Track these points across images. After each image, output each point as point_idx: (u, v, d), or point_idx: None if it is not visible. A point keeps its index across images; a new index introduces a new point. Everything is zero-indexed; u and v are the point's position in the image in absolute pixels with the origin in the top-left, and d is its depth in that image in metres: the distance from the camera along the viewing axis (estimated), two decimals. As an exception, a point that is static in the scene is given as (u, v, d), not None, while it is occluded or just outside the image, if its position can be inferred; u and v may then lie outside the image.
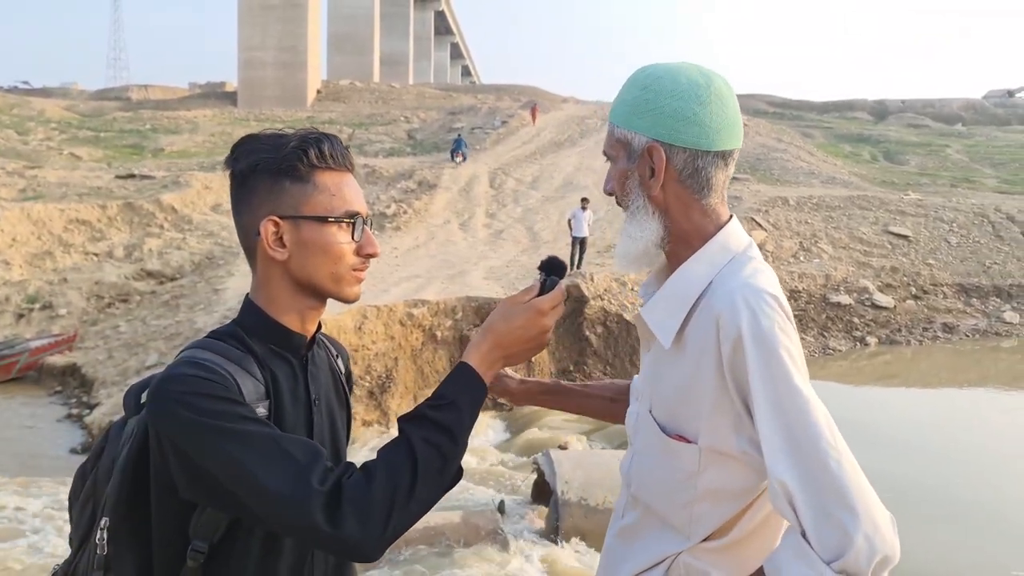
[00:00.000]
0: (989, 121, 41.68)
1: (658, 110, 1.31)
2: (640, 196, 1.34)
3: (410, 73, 64.90)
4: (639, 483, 1.40)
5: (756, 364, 1.20)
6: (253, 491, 1.12)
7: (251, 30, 44.09)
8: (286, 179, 1.27)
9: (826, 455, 1.16)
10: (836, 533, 1.14)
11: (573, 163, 25.91)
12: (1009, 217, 20.54)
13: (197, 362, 1.21)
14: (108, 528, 1.25)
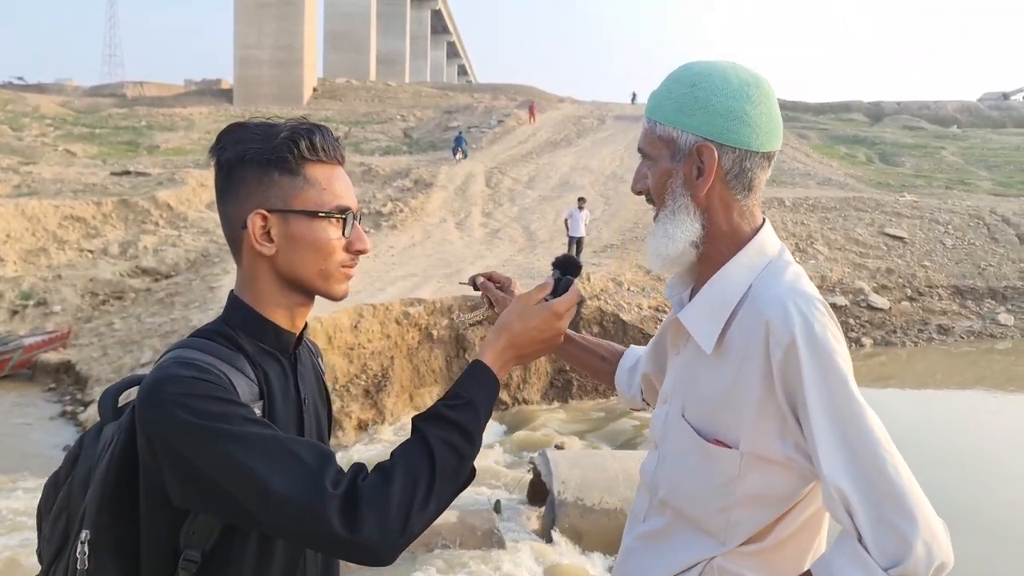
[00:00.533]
0: (984, 123, 41.78)
1: (709, 108, 1.28)
2: (683, 196, 1.31)
3: (406, 72, 64.84)
4: (669, 487, 1.37)
5: (811, 371, 1.18)
6: (261, 497, 1.07)
7: (247, 27, 44.00)
8: (275, 171, 1.22)
9: (884, 461, 1.16)
10: (895, 539, 1.13)
11: (569, 163, 25.90)
12: (1004, 219, 20.59)
13: (189, 362, 1.15)
14: (89, 542, 1.17)
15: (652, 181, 1.34)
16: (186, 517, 1.16)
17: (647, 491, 1.44)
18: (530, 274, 14.22)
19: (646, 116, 1.35)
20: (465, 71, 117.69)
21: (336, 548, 1.08)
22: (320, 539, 1.08)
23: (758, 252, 1.32)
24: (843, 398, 1.18)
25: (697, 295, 1.34)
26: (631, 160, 26.50)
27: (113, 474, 1.17)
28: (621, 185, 23.08)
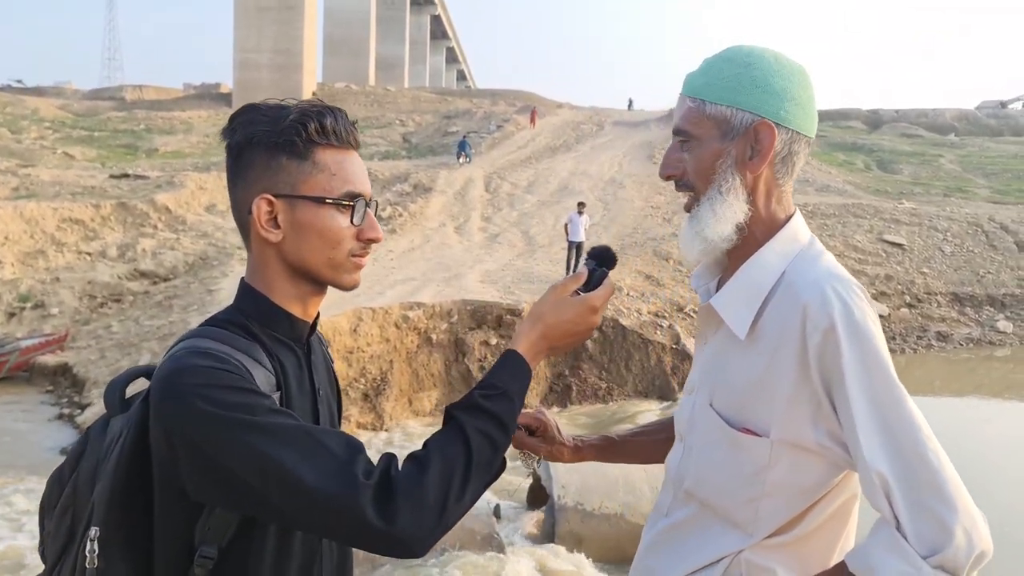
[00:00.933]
0: (982, 132, 41.84)
1: (766, 87, 1.26)
2: (733, 176, 1.28)
3: (405, 77, 64.89)
4: (695, 478, 1.35)
5: (851, 356, 1.17)
6: (290, 489, 1.03)
7: (246, 31, 44.01)
8: (283, 155, 1.18)
9: (925, 448, 1.14)
10: (934, 527, 1.11)
11: (568, 168, 25.91)
12: (1003, 227, 20.61)
13: (206, 351, 1.11)
14: (98, 538, 1.12)
15: (695, 163, 1.30)
16: (202, 512, 1.12)
17: (671, 484, 1.42)
18: (529, 279, 14.21)
19: (690, 95, 1.31)
20: (464, 76, 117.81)
21: (369, 540, 1.05)
22: (353, 531, 1.04)
23: (791, 239, 1.30)
24: (883, 383, 1.16)
25: (730, 280, 1.32)
26: (630, 166, 26.53)
27: (124, 468, 1.12)
28: (620, 191, 23.10)
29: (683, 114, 1.32)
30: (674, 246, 17.44)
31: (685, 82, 1.34)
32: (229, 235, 18.02)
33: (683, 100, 1.33)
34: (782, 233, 1.31)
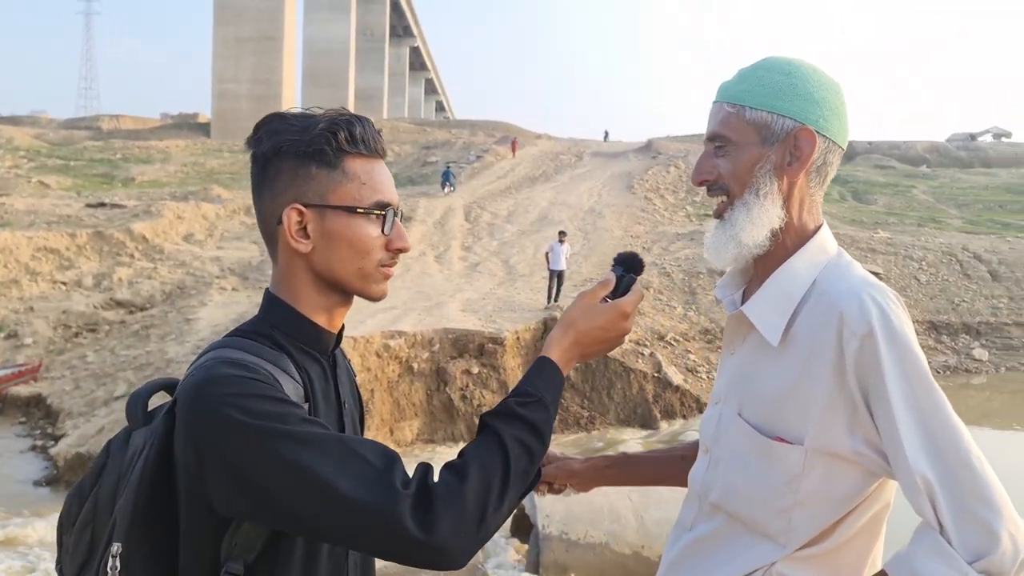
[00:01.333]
0: (952, 163, 42.61)
1: (807, 96, 1.28)
2: (772, 182, 1.28)
3: (384, 108, 65.19)
4: (723, 490, 1.32)
5: (891, 361, 1.16)
6: (327, 501, 1.00)
7: (225, 62, 44.16)
8: (313, 164, 1.16)
9: (968, 453, 1.13)
10: (980, 532, 1.10)
11: (548, 198, 26.03)
12: (976, 256, 20.90)
13: (236, 361, 1.08)
14: (120, 555, 1.08)
15: (733, 167, 1.30)
16: (228, 528, 1.08)
17: (696, 498, 1.39)
18: (510, 308, 14.19)
19: (729, 101, 1.31)
20: (443, 107, 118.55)
21: (408, 551, 1.01)
22: (391, 542, 1.01)
23: (820, 249, 1.31)
24: (924, 389, 1.16)
25: (761, 288, 1.32)
26: (609, 196, 26.71)
27: (148, 482, 1.08)
28: (599, 220, 23.22)
29: (721, 119, 1.32)
30: (653, 276, 17.51)
31: (720, 90, 1.34)
32: (207, 264, 17.90)
33: (720, 107, 1.33)
34: (812, 243, 1.31)
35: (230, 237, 20.99)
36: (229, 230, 21.58)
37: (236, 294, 15.41)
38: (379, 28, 64.76)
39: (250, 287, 15.99)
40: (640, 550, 7.25)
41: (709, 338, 15.67)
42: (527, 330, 12.83)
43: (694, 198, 27.94)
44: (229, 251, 19.45)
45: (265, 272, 16.79)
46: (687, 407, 12.91)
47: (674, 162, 32.21)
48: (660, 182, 29.33)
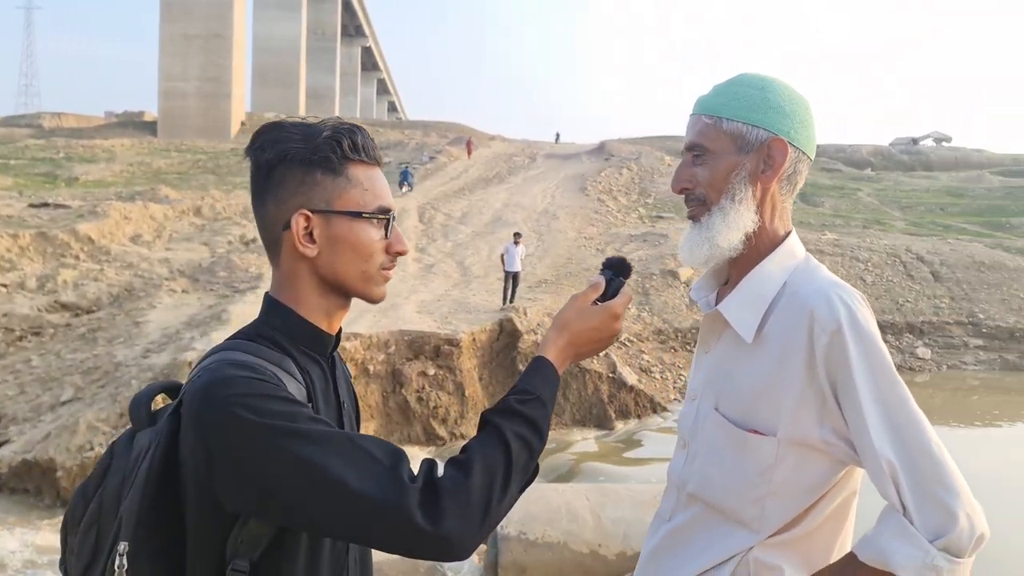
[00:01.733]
0: (896, 167, 43.73)
1: (779, 109, 1.37)
2: (747, 188, 1.37)
3: (336, 107, 64.66)
4: (700, 481, 1.40)
5: (857, 356, 1.25)
6: (336, 496, 1.03)
7: (172, 59, 43.37)
8: (318, 171, 1.21)
9: (928, 441, 1.22)
10: (940, 512, 1.19)
11: (502, 199, 26.08)
12: (919, 257, 21.47)
13: (242, 363, 1.12)
14: (127, 553, 1.11)
15: (710, 174, 1.38)
16: (234, 526, 1.11)
17: (675, 489, 1.47)
18: (466, 309, 14.19)
19: (706, 113, 1.40)
20: (395, 108, 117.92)
21: (417, 544, 1.05)
22: (401, 535, 1.05)
23: (790, 253, 1.40)
24: (888, 382, 1.25)
25: (735, 289, 1.40)
26: (562, 197, 26.85)
27: (154, 482, 1.11)
28: (553, 222, 23.32)
29: (699, 130, 1.40)
30: (608, 276, 17.64)
31: (698, 103, 1.43)
32: (156, 266, 17.55)
33: (697, 119, 1.41)
34: (783, 247, 1.40)
35: (179, 238, 20.62)
36: (178, 231, 21.19)
37: (186, 296, 15.13)
38: (330, 27, 64.22)
39: (200, 289, 15.72)
40: (597, 548, 7.31)
41: (662, 338, 15.86)
42: (483, 331, 12.84)
43: (646, 200, 28.24)
44: (178, 252, 19.10)
45: (216, 274, 16.53)
46: (641, 407, 13.04)
47: (627, 164, 32.51)
48: (613, 184, 29.57)
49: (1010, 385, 16.47)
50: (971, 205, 32.72)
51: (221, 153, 34.82)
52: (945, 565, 1.18)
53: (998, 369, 17.62)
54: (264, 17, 53.10)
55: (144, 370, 10.38)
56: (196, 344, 10.74)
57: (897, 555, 1.20)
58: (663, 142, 43.73)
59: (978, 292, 19.87)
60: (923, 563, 1.18)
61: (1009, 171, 41.97)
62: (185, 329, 12.27)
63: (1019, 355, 18.02)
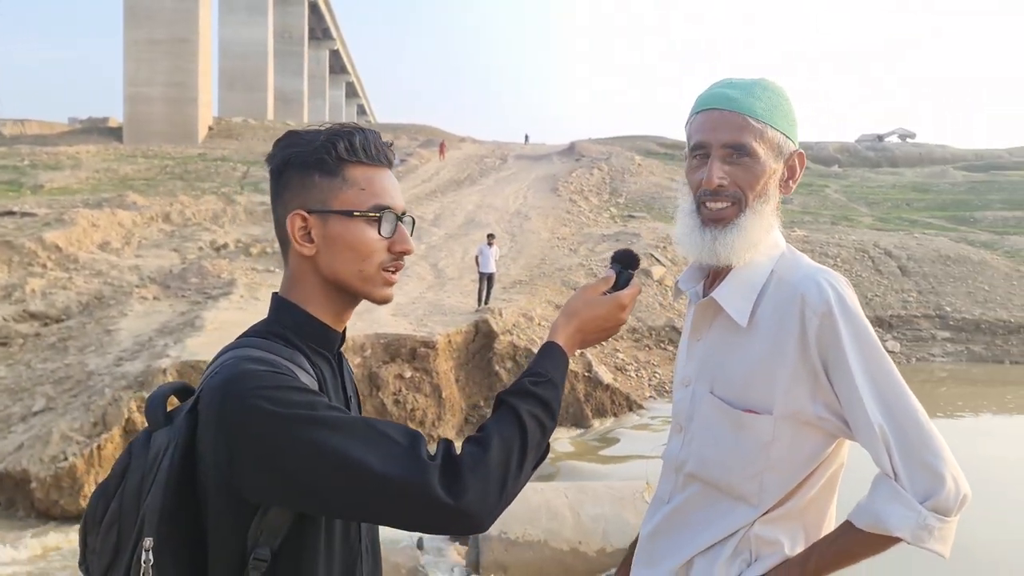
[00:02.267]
0: (862, 163, 44.28)
1: (795, 121, 1.47)
2: (775, 194, 1.47)
3: (305, 111, 64.21)
4: (699, 461, 1.47)
5: (847, 335, 1.33)
6: (360, 479, 1.08)
7: (137, 64, 42.81)
8: (315, 172, 1.25)
9: (915, 410, 1.32)
10: (928, 475, 1.29)
11: (474, 201, 26.09)
12: (887, 252, 21.80)
13: (255, 358, 1.17)
14: (152, 549, 1.14)
15: (751, 176, 1.43)
16: (253, 516, 1.15)
17: (672, 472, 1.54)
18: (441, 311, 14.19)
19: (755, 117, 1.42)
20: (364, 111, 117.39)
21: (440, 518, 1.10)
22: (426, 511, 1.10)
23: (775, 244, 1.49)
24: (876, 358, 1.34)
25: (727, 278, 1.47)
26: (534, 198, 26.91)
27: (175, 479, 1.15)
28: (526, 222, 23.38)
29: (747, 130, 1.41)
30: (581, 275, 17.74)
31: (732, 100, 1.43)
32: (125, 273, 17.35)
33: (740, 117, 1.42)
34: (768, 238, 1.48)
35: (148, 245, 20.40)
36: (147, 237, 20.96)
37: (158, 303, 14.98)
38: (297, 30, 63.76)
39: (172, 296, 15.56)
40: (578, 546, 7.36)
41: (636, 337, 15.97)
42: (459, 333, 12.85)
43: (618, 200, 28.39)
44: (148, 259, 18.89)
45: (187, 280, 16.37)
46: (617, 405, 13.12)
47: (597, 164, 32.66)
48: (584, 184, 29.69)
49: (977, 376, 16.78)
50: (936, 200, 33.27)
51: (189, 158, 34.44)
52: (936, 524, 1.28)
53: (965, 360, 17.96)
54: (230, 21, 52.59)
55: (117, 378, 10.27)
56: (170, 351, 10.65)
57: (892, 518, 1.29)
58: (632, 142, 43.99)
59: (944, 285, 20.23)
60: (916, 523, 1.27)
61: (972, 166, 42.73)
62: (158, 336, 12.15)
63: (984, 346, 18.38)
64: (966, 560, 7.25)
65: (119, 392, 9.85)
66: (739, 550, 1.41)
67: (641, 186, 30.22)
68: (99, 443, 9.16)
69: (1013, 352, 18.23)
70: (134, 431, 9.42)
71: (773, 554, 1.41)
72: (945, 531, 1.29)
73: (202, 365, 10.03)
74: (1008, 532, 7.76)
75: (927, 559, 1.41)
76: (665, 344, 16.10)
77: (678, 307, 17.32)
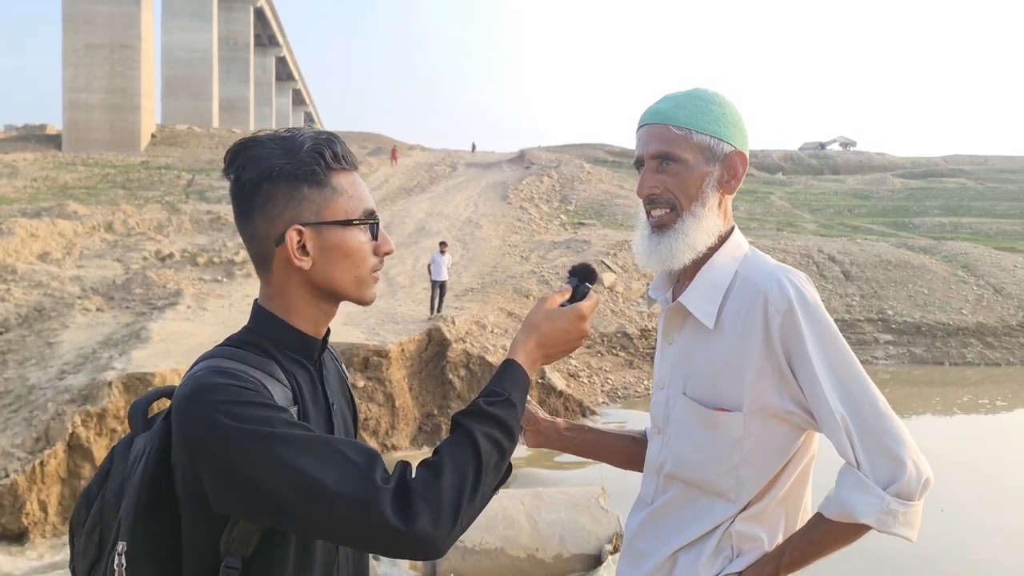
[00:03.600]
0: (805, 171, 45.33)
1: (734, 124, 1.51)
2: (715, 195, 1.51)
3: (251, 119, 63.34)
4: (676, 461, 1.52)
5: (809, 330, 1.38)
6: (313, 497, 1.07)
7: (76, 70, 41.79)
8: (304, 185, 1.23)
9: (876, 399, 1.37)
10: (889, 462, 1.34)
11: (424, 208, 26.01)
12: (831, 258, 22.30)
13: (225, 370, 1.16)
14: (126, 553, 1.15)
15: (680, 182, 1.49)
16: (226, 524, 1.15)
17: (654, 473, 1.57)
18: (393, 319, 14.10)
19: (675, 124, 1.50)
20: (312, 119, 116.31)
21: (391, 543, 1.09)
22: (374, 534, 1.08)
23: (737, 245, 1.54)
24: (837, 351, 1.39)
25: (693, 282, 1.52)
26: (485, 205, 26.93)
27: (147, 485, 1.16)
28: (477, 230, 23.37)
29: (669, 139, 1.50)
30: (533, 283, 17.79)
31: (659, 113, 1.53)
32: (67, 284, 16.89)
33: (663, 128, 1.51)
34: (730, 241, 1.53)
35: (90, 255, 19.89)
36: (89, 247, 20.45)
37: (101, 315, 14.61)
38: (243, 37, 62.89)
39: (116, 307, 15.20)
40: (535, 552, 7.37)
41: (589, 343, 16.05)
42: (411, 341, 12.79)
43: (568, 207, 28.56)
44: (90, 270, 18.42)
45: (132, 291, 16.00)
46: (571, 411, 13.18)
47: (547, 172, 32.82)
48: (534, 192, 29.81)
49: (918, 378, 17.25)
50: (876, 206, 34.16)
51: (131, 166, 33.70)
52: (900, 509, 1.32)
53: (907, 363, 18.45)
54: (173, 27, 51.66)
55: (60, 392, 9.98)
56: (115, 364, 10.39)
57: (858, 505, 1.33)
58: (581, 150, 44.35)
59: (886, 290, 20.76)
60: (880, 508, 1.32)
61: (910, 173, 44.00)
62: (102, 349, 11.85)
63: (925, 348, 18.89)
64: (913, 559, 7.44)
65: (62, 406, 9.58)
66: (721, 546, 1.45)
67: (591, 193, 30.45)
68: (42, 459, 8.89)
69: (952, 354, 18.78)
70: (78, 446, 9.17)
71: (753, 549, 1.45)
72: (910, 515, 1.33)
73: (149, 377, 9.81)
74: (948, 532, 7.97)
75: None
76: (617, 350, 16.22)
77: (629, 313, 17.48)
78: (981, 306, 20.34)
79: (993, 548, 8.16)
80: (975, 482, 9.87)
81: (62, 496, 8.99)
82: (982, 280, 21.61)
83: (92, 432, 9.32)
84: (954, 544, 7.86)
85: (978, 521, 8.77)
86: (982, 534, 8.47)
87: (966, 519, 8.60)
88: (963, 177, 42.25)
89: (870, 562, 6.92)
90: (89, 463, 9.16)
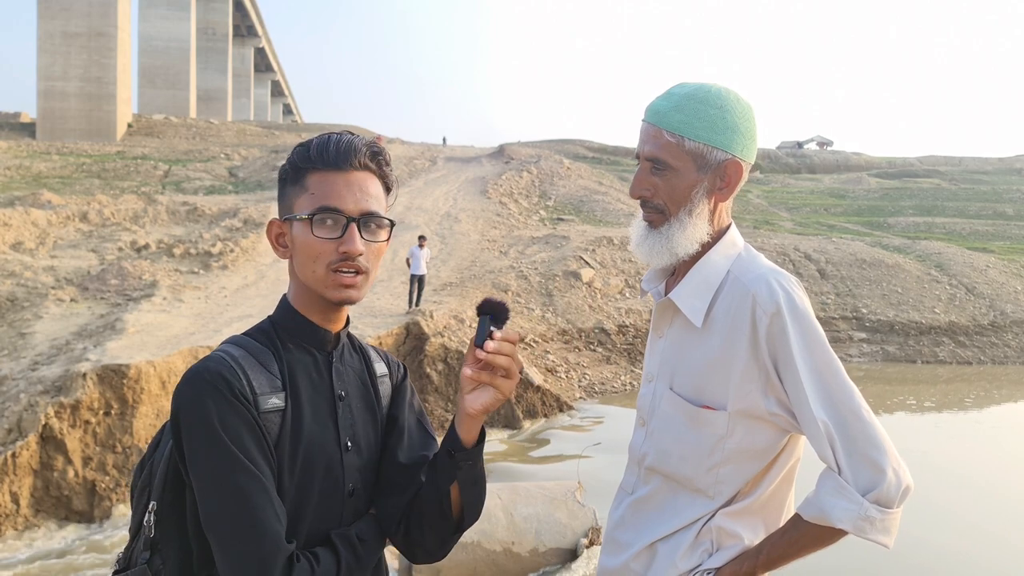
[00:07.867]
0: (783, 169, 45.58)
1: (735, 129, 1.47)
2: (704, 202, 1.49)
3: (229, 110, 62.80)
4: (658, 455, 1.52)
5: (795, 334, 1.38)
6: (216, 542, 1.20)
7: (51, 58, 41.24)
8: (287, 182, 1.37)
9: (859, 407, 1.37)
10: (869, 469, 1.34)
11: (403, 202, 25.92)
12: (807, 256, 22.49)
13: (216, 360, 1.26)
14: (155, 512, 1.30)
15: (670, 189, 1.48)
16: None
17: (635, 464, 1.59)
18: (371, 313, 14.06)
19: (669, 129, 1.47)
20: (290, 110, 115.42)
21: None
22: None
23: (732, 244, 1.53)
24: (823, 356, 1.39)
25: (684, 279, 1.51)
26: (464, 200, 26.90)
27: (171, 453, 1.28)
28: (456, 225, 23.35)
29: (661, 145, 1.48)
30: (511, 278, 17.80)
31: (657, 113, 1.50)
32: (40, 274, 16.69)
33: (659, 133, 1.48)
34: (725, 239, 1.53)
35: (65, 245, 19.66)
36: (63, 238, 20.21)
37: (76, 305, 14.46)
38: (221, 27, 62.30)
39: (91, 298, 15.04)
40: (511, 546, 7.40)
41: (567, 339, 16.10)
42: (389, 335, 12.77)
43: (547, 202, 28.58)
44: (64, 260, 18.21)
45: (107, 282, 15.84)
46: (548, 406, 13.21)
47: (527, 167, 32.81)
48: (514, 187, 29.81)
49: (891, 375, 17.45)
50: (852, 206, 34.47)
51: (107, 156, 33.31)
52: (877, 515, 1.33)
53: (880, 360, 18.66)
54: (151, 16, 51.07)
55: (33, 383, 9.87)
56: (90, 355, 10.30)
57: (835, 510, 1.33)
58: (561, 146, 44.35)
59: (861, 288, 20.98)
60: (857, 515, 1.32)
61: (885, 173, 44.41)
62: (76, 339, 11.73)
63: (898, 347, 19.13)
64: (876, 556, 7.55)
65: (35, 397, 9.48)
66: (700, 540, 1.46)
67: (570, 189, 30.49)
68: (14, 451, 8.79)
69: (924, 352, 19.03)
70: (51, 438, 9.08)
71: (733, 546, 1.46)
72: (887, 522, 1.33)
73: (124, 369, 9.73)
74: (923, 528, 8.10)
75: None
76: (595, 346, 16.28)
77: (607, 309, 17.54)
78: (953, 305, 20.61)
79: (959, 542, 8.30)
80: (946, 478, 10.03)
81: (34, 488, 8.90)
82: (955, 280, 21.90)
83: (65, 424, 9.23)
84: (920, 538, 7.98)
85: (946, 516, 8.91)
86: (949, 529, 8.60)
87: (935, 515, 8.74)
88: (937, 178, 42.73)
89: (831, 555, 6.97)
90: (62, 455, 9.07)
